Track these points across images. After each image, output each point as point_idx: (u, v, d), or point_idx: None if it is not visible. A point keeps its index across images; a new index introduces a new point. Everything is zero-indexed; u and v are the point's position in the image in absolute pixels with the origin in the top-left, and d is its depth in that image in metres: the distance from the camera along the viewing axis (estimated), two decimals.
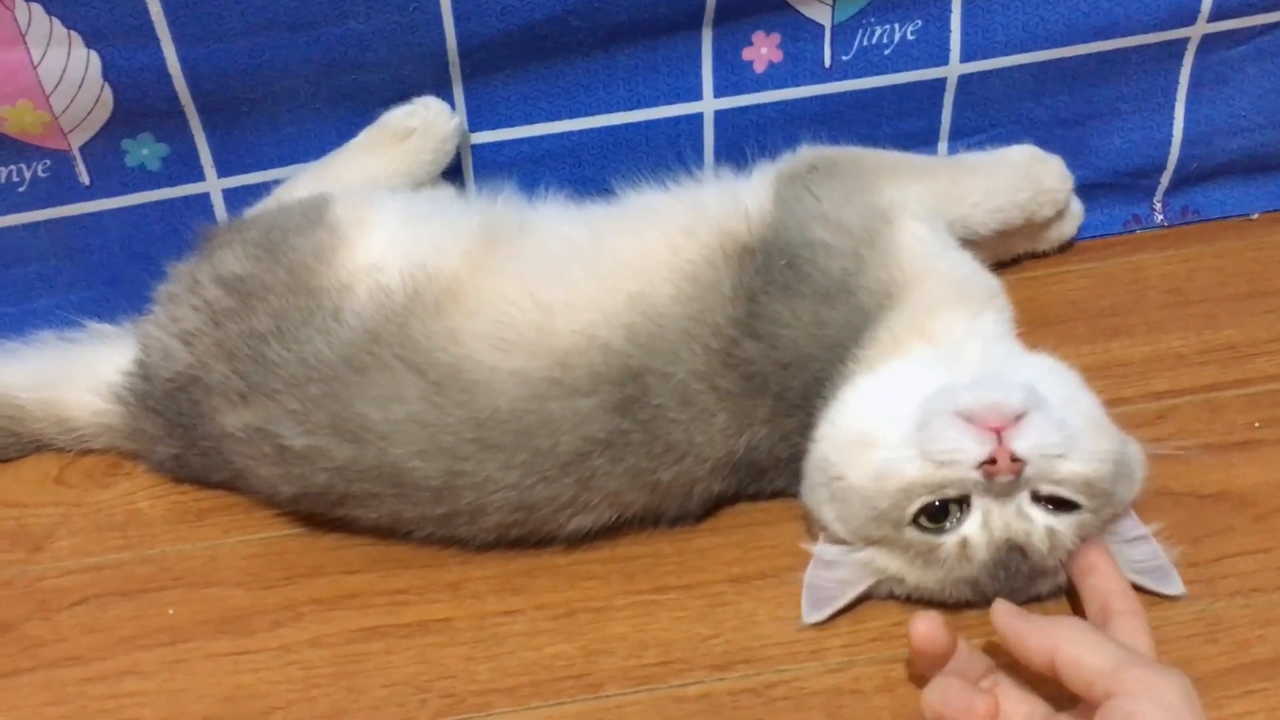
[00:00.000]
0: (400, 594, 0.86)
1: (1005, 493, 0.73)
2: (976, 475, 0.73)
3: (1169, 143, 1.07)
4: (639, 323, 0.82)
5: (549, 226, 0.91)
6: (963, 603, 0.78)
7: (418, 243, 0.87)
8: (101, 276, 1.04)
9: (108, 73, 0.94)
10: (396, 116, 0.99)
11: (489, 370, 0.81)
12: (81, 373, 0.95)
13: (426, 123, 0.98)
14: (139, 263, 1.02)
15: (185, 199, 1.03)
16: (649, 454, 0.81)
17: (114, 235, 1.03)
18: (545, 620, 0.83)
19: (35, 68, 0.93)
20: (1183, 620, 0.78)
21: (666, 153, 1.05)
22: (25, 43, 0.92)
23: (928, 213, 0.89)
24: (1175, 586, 0.79)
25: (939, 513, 0.75)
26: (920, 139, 1.06)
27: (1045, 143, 1.04)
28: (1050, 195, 0.99)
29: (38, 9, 0.91)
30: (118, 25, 0.92)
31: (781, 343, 0.82)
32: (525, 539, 0.85)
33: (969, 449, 0.73)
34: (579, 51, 1.00)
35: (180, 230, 1.01)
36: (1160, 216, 1.10)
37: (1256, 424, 0.90)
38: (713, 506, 0.87)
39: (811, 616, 0.79)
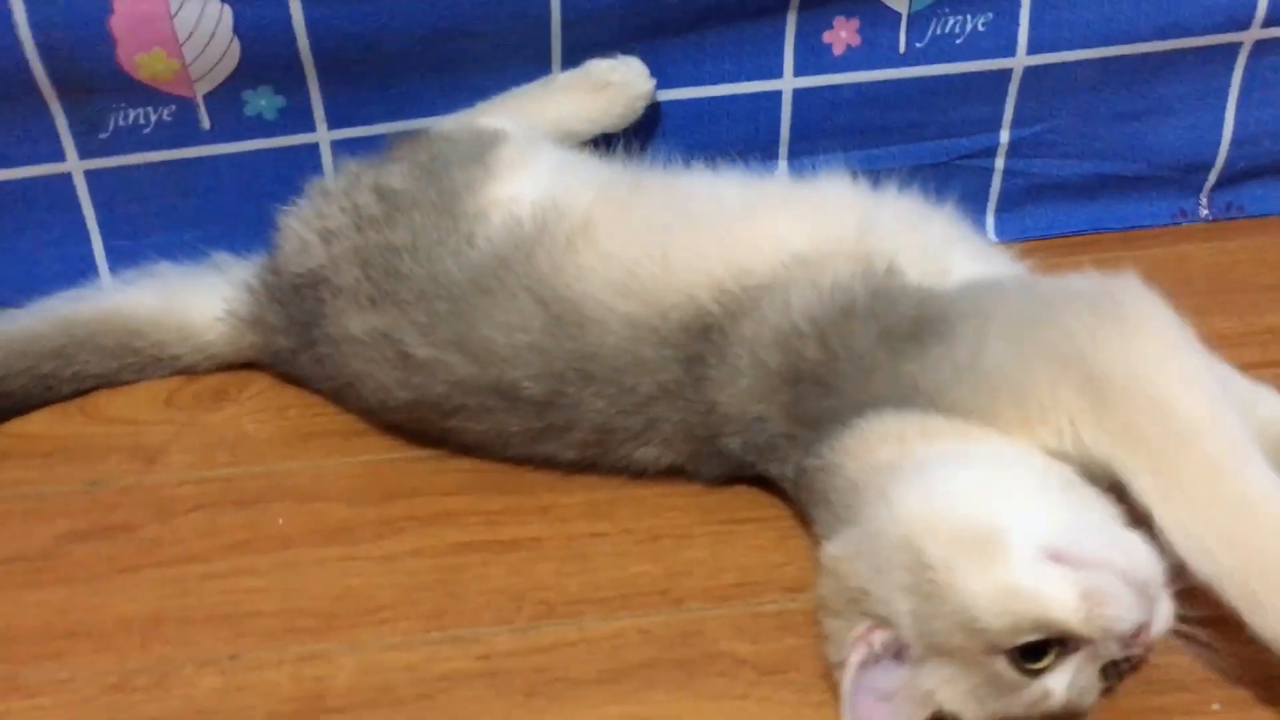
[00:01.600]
0: (493, 515, 0.93)
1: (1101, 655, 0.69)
2: (1114, 640, 0.67)
3: (1219, 142, 1.15)
4: (733, 291, 0.87)
5: (690, 188, 0.95)
6: None
7: (558, 184, 0.94)
8: (214, 216, 1.11)
9: (238, 27, 1.02)
10: (600, 68, 1.06)
11: (606, 310, 0.87)
12: (203, 288, 1.03)
13: (625, 79, 1.06)
14: (250, 206, 1.10)
15: (296, 148, 1.10)
16: (691, 408, 0.87)
17: (228, 179, 1.10)
18: (629, 543, 0.90)
19: (172, 18, 1.00)
20: None
21: (745, 127, 1.12)
22: None
23: None
24: None
25: (1039, 650, 0.68)
26: (984, 125, 1.13)
27: (1102, 136, 1.11)
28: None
29: None
30: None
31: (840, 366, 0.81)
32: (599, 461, 0.92)
33: (1132, 618, 0.67)
34: (672, 29, 1.07)
35: (290, 177, 1.08)
36: (1206, 211, 1.18)
37: None
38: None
39: None
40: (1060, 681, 0.68)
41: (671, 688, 0.80)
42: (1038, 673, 0.67)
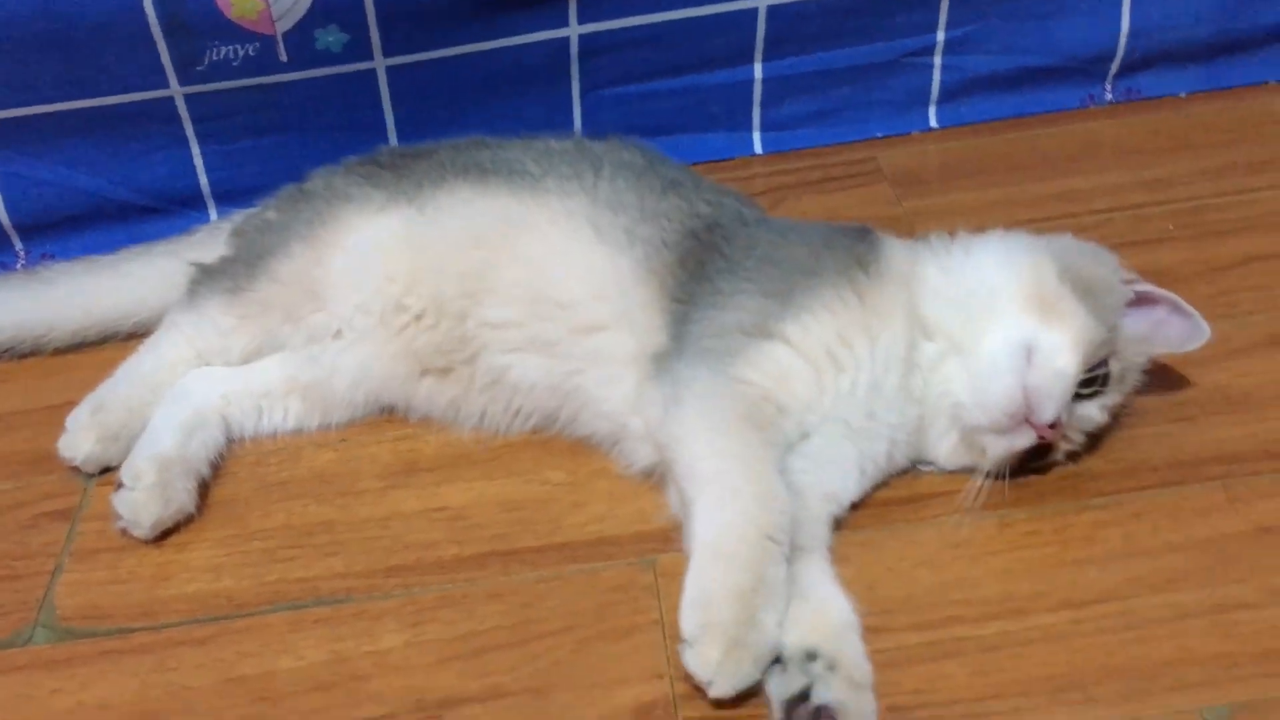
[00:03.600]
0: None
1: None
2: None
3: (1118, 35, 1.38)
4: None
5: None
6: None
7: None
8: (293, 126, 1.35)
9: None
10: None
11: None
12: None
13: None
14: (319, 119, 1.34)
15: (357, 73, 1.33)
16: None
17: (302, 98, 1.33)
18: None
19: None
20: None
21: (724, 40, 1.36)
22: None
23: None
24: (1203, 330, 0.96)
25: None
26: (923, 29, 1.37)
27: (1021, 34, 1.36)
28: None
29: None
30: None
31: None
32: None
33: None
34: None
35: (353, 95, 1.33)
36: (1109, 95, 1.42)
37: (1171, 227, 1.21)
38: None
39: None
40: None
41: None
42: None
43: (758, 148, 1.42)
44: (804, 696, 0.78)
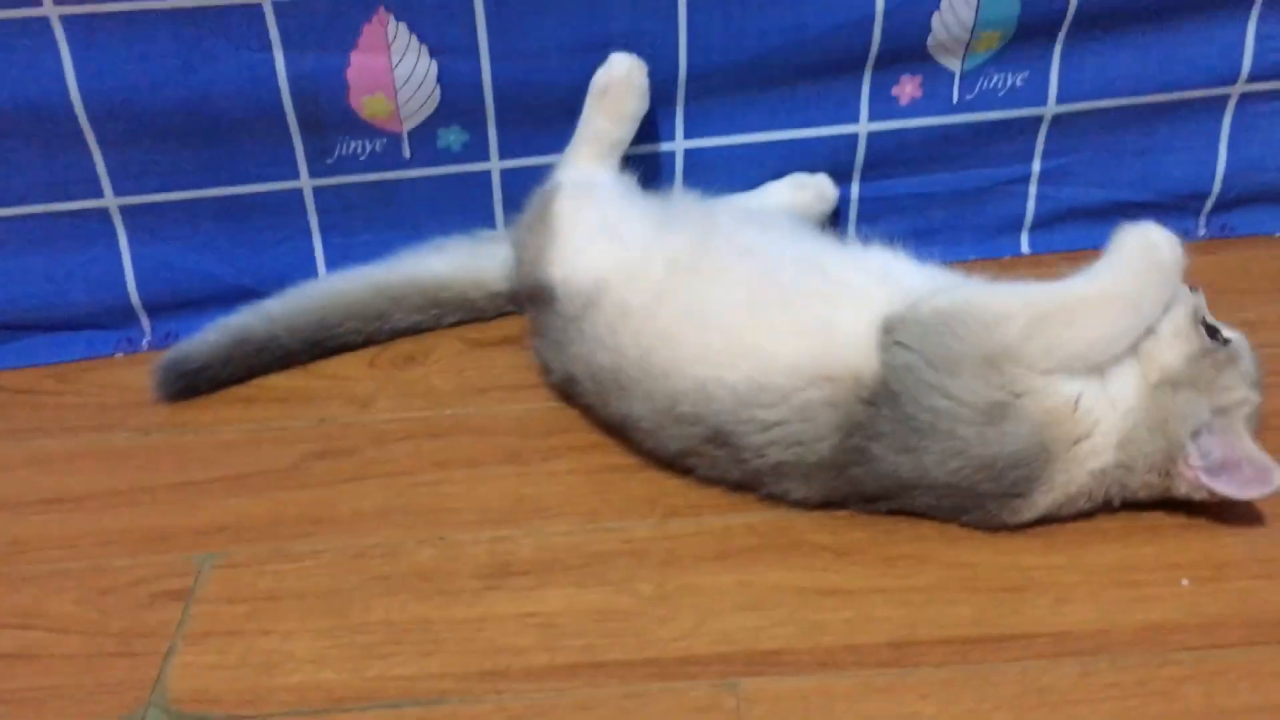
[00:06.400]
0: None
1: None
2: None
3: (1214, 175, 1.41)
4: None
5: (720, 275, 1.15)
6: None
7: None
8: (409, 222, 1.41)
9: (441, 77, 1.32)
10: (594, 79, 1.30)
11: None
12: (483, 253, 1.38)
13: (611, 78, 1.29)
14: (437, 216, 1.41)
15: (474, 173, 1.40)
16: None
17: (421, 195, 1.40)
18: None
19: (393, 69, 1.31)
20: None
21: (826, 163, 1.41)
22: (389, 50, 1.31)
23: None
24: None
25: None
26: (1019, 158, 1.41)
27: (1116, 168, 1.38)
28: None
29: (402, 25, 1.29)
30: (455, 42, 1.30)
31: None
32: None
33: None
34: (775, 82, 1.36)
35: (467, 194, 1.40)
36: (1203, 231, 1.44)
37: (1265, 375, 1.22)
38: None
39: None
40: None
41: (770, 564, 1.07)
42: None
43: None
44: None
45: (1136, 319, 1.03)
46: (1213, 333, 1.05)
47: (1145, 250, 1.05)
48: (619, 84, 1.29)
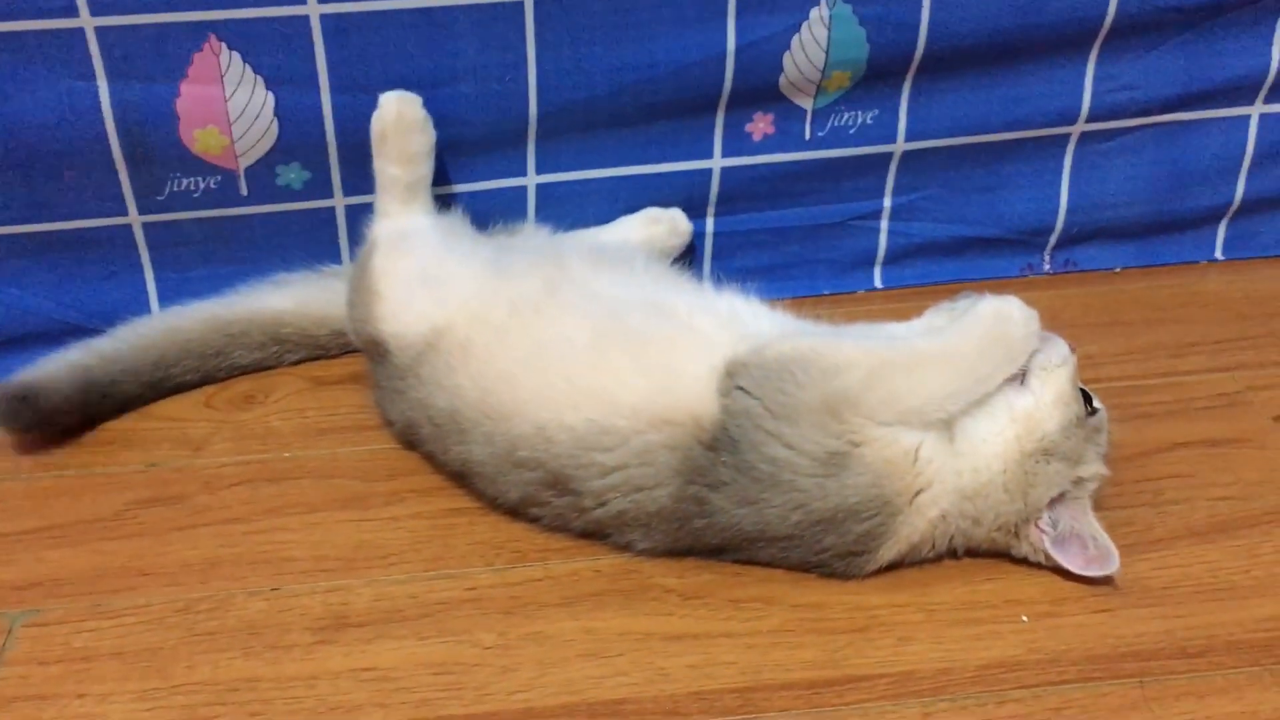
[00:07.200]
0: None
1: None
2: None
3: (1056, 211, 1.44)
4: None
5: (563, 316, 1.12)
6: None
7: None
8: (248, 258, 1.36)
9: (278, 110, 1.27)
10: (371, 125, 1.25)
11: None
12: (328, 289, 1.33)
13: (384, 122, 1.24)
14: (278, 252, 1.35)
15: (316, 211, 1.35)
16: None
17: (259, 233, 1.35)
18: None
19: (226, 101, 1.26)
20: None
21: (681, 196, 1.40)
22: (222, 81, 1.25)
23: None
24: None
25: None
26: (870, 194, 1.42)
27: (964, 204, 1.40)
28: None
29: (235, 55, 1.24)
30: (292, 73, 1.26)
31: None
32: None
33: None
34: (627, 122, 1.35)
35: (310, 231, 1.35)
36: (1047, 266, 1.47)
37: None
38: None
39: None
40: None
41: (616, 610, 1.04)
42: None
43: None
44: None
45: (974, 383, 1.02)
46: (1086, 398, 1.06)
47: (998, 320, 1.05)
48: (393, 126, 1.25)
